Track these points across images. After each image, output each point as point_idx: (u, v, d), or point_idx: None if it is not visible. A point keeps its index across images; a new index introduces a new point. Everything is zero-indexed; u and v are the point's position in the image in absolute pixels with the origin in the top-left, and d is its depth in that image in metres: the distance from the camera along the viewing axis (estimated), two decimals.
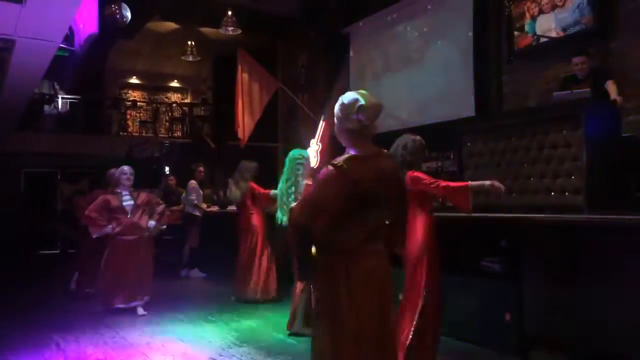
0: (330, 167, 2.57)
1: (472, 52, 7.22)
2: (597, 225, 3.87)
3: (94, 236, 6.18)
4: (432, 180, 3.90)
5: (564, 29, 6.16)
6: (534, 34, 6.45)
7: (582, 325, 3.86)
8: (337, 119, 2.71)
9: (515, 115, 5.84)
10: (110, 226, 6.06)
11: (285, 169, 5.48)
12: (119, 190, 6.24)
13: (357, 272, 2.57)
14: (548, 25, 6.33)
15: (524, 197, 4.95)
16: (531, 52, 6.56)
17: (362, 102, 2.61)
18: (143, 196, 6.33)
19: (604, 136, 4.57)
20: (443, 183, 3.91)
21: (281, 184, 5.51)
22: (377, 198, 2.59)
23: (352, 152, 2.64)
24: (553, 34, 6.25)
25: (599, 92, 5.11)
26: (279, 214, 5.42)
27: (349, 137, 2.67)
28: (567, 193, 4.62)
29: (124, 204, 6.16)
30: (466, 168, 5.67)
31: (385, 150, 2.80)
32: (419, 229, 3.90)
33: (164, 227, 6.69)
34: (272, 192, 6.28)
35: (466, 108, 7.14)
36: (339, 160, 2.59)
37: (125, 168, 6.35)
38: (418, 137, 4.11)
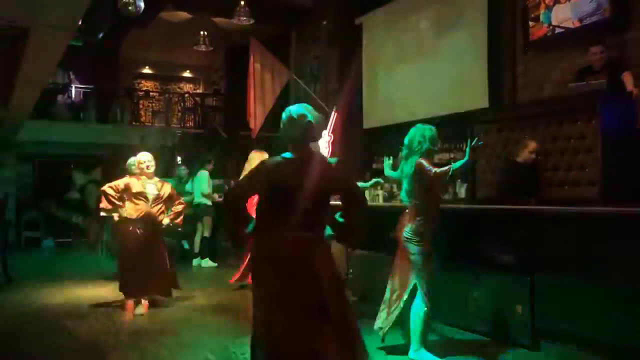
0: (259, 163, 3.20)
1: (486, 42, 7.14)
2: (611, 217, 3.83)
3: (100, 214, 5.87)
4: (428, 168, 3.93)
5: (580, 19, 6.07)
6: (550, 24, 6.37)
7: (595, 319, 3.83)
8: (283, 126, 3.15)
9: (529, 106, 5.80)
10: (123, 208, 5.74)
11: None
12: (144, 178, 5.85)
13: (272, 253, 3.00)
14: (564, 15, 6.24)
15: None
16: (546, 42, 6.48)
17: (310, 118, 3.08)
18: (166, 188, 5.95)
19: (619, 128, 4.52)
20: (433, 170, 3.92)
21: None
22: (297, 193, 2.98)
23: (287, 155, 3.10)
24: (569, 24, 6.17)
25: (615, 83, 5.04)
26: None
27: (292, 143, 3.12)
28: (580, 185, 4.59)
29: (148, 189, 5.80)
30: (478, 159, 5.64)
31: (329, 157, 3.24)
32: (428, 213, 3.98)
33: (179, 228, 6.19)
34: None
35: (480, 99, 7.07)
36: (272, 158, 3.17)
37: (143, 157, 5.94)
38: (433, 127, 4.17)
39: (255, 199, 3.44)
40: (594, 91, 4.78)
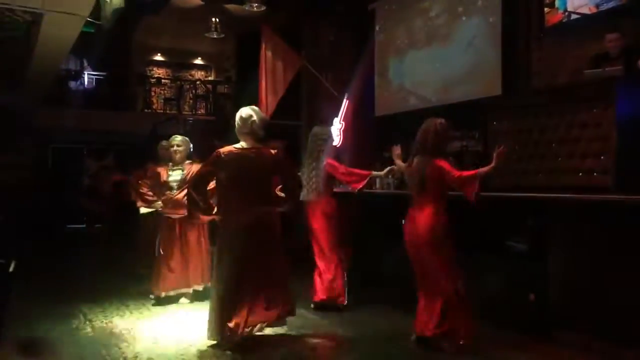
0: (215, 152, 4.10)
1: (500, 28, 7.05)
2: (625, 206, 3.79)
3: (142, 212, 5.82)
4: (450, 171, 3.99)
5: (597, 5, 5.97)
6: (565, 10, 6.27)
7: (607, 307, 3.81)
8: (237, 125, 4.18)
9: (543, 93, 5.72)
10: (159, 202, 5.66)
11: (308, 146, 5.46)
12: (170, 164, 5.75)
13: (239, 224, 4.03)
14: (580, 1, 6.13)
15: (551, 177, 4.87)
16: (562, 29, 6.38)
17: (254, 117, 4.14)
18: (194, 169, 5.56)
19: (636, 115, 4.45)
20: (457, 173, 3.99)
21: (304, 161, 5.50)
22: (250, 176, 4.08)
23: (239, 145, 4.14)
24: (585, 10, 6.07)
25: (631, 70, 4.96)
26: (303, 191, 5.39)
27: (243, 137, 4.18)
28: (595, 173, 4.54)
29: (171, 178, 5.67)
30: (491, 148, 5.59)
31: (270, 148, 4.20)
32: (441, 214, 4.01)
33: None
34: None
35: (493, 86, 7.00)
36: (225, 148, 4.12)
37: (174, 140, 5.76)
38: (443, 120, 4.19)
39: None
40: (610, 78, 4.71)
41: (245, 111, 4.19)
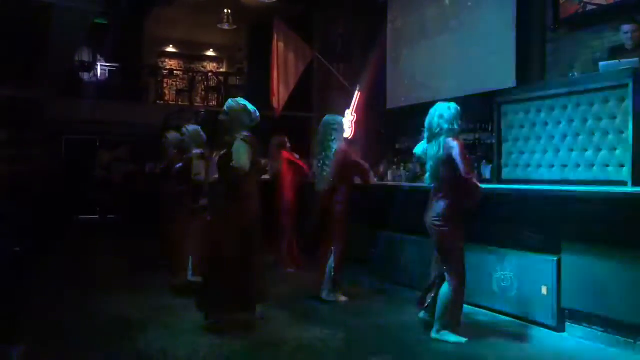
0: (245, 141, 4.22)
1: (514, 19, 6.98)
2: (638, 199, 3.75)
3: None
4: (465, 164, 3.85)
5: None
6: (581, 1, 6.20)
7: (620, 301, 3.78)
8: (240, 117, 4.35)
9: (558, 85, 5.66)
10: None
11: (319, 135, 5.39)
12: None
13: (252, 214, 4.27)
14: None
15: (565, 170, 4.84)
16: (577, 20, 6.31)
17: (257, 113, 4.43)
18: (187, 162, 5.56)
19: None
20: (472, 175, 3.93)
21: (316, 151, 5.45)
22: (257, 166, 4.37)
23: (244, 134, 4.29)
24: (601, 1, 5.99)
25: None
26: (316, 181, 5.35)
27: (245, 129, 4.34)
28: (609, 166, 4.50)
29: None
30: (505, 140, 5.55)
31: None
32: (449, 201, 3.97)
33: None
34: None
35: (507, 78, 6.94)
36: (246, 136, 4.28)
37: (185, 129, 5.73)
38: (453, 104, 4.08)
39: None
40: (626, 70, 4.65)
41: (250, 105, 4.39)
